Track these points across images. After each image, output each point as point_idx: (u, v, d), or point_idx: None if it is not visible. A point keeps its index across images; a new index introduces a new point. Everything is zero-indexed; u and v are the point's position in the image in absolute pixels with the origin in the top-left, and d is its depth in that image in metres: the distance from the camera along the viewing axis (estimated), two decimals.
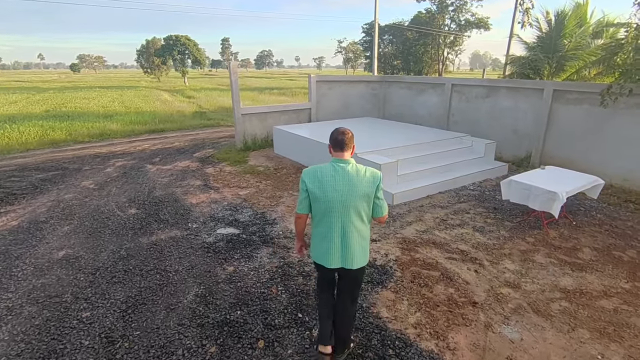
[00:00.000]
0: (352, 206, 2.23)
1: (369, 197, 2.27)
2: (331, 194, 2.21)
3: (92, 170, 7.85)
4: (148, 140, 11.70)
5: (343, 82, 10.84)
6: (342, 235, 2.27)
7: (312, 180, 2.24)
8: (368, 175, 2.26)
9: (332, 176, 2.22)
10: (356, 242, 2.30)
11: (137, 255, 4.05)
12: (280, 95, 28.45)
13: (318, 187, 2.22)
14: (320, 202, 2.23)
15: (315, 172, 2.26)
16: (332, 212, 2.23)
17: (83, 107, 21.05)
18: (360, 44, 49.10)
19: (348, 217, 2.25)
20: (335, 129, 2.34)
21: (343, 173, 2.23)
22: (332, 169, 2.24)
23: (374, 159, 5.81)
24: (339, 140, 2.26)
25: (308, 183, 2.25)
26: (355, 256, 2.32)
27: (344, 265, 2.32)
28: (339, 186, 2.21)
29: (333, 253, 2.29)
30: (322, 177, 2.23)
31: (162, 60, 48.99)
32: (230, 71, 8.82)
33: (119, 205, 5.61)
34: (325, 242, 2.29)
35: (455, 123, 9.10)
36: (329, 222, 2.26)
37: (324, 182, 2.22)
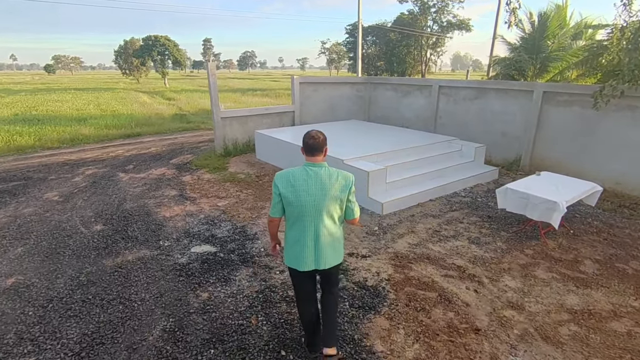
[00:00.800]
0: (325, 209, 2.25)
1: (341, 201, 2.30)
2: (304, 198, 2.22)
3: (58, 180, 7.25)
4: (123, 146, 11.08)
5: (327, 84, 10.50)
6: (315, 238, 2.28)
7: (284, 185, 2.24)
8: (340, 179, 2.28)
9: (304, 180, 2.23)
10: (328, 244, 2.32)
11: (98, 282, 3.58)
12: (264, 96, 27.92)
13: (291, 192, 2.22)
14: (293, 206, 2.23)
15: (287, 176, 2.26)
16: (305, 216, 2.24)
17: (55, 110, 20.05)
18: (344, 44, 48.97)
19: (321, 221, 2.27)
20: (306, 132, 2.33)
21: (316, 177, 2.24)
22: (305, 173, 2.25)
23: (361, 165, 5.48)
24: (310, 145, 2.26)
25: (281, 187, 2.25)
26: (328, 257, 2.34)
27: (317, 267, 2.34)
28: (312, 190, 2.22)
29: (306, 256, 2.30)
30: (295, 181, 2.23)
31: (141, 61, 47.65)
32: (209, 72, 8.35)
33: (83, 221, 5.09)
34: (298, 245, 2.30)
35: (443, 126, 8.87)
36: (302, 225, 2.27)
37: (297, 186, 2.22)
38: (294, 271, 2.41)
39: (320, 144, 2.28)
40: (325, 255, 2.32)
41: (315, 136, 2.27)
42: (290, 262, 2.38)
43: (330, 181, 2.25)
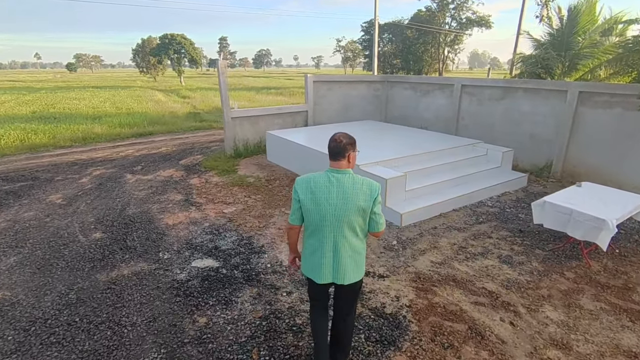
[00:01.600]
0: (346, 221, 2.07)
1: (365, 212, 2.10)
2: (324, 207, 2.05)
3: (64, 181, 7.06)
4: (133, 145, 10.92)
5: (343, 83, 10.06)
6: (334, 250, 2.11)
7: (304, 191, 2.09)
8: (365, 189, 2.08)
9: (326, 187, 2.07)
10: (348, 257, 2.15)
11: (88, 300, 3.26)
12: (278, 95, 27.66)
13: (310, 199, 2.06)
14: (312, 214, 2.08)
15: (308, 182, 2.10)
16: (324, 226, 2.08)
17: (72, 108, 20.22)
18: (359, 42, 48.29)
19: (341, 232, 2.10)
20: (332, 135, 2.14)
21: (338, 185, 2.06)
22: (327, 180, 2.08)
23: (379, 172, 5.04)
24: (331, 149, 2.09)
25: (300, 194, 2.10)
26: (347, 272, 2.16)
27: (335, 280, 2.17)
28: (333, 199, 2.05)
29: (324, 268, 2.14)
30: (316, 188, 2.07)
31: (158, 60, 48.07)
32: (219, 71, 8.04)
33: (83, 227, 4.82)
34: (316, 256, 2.15)
35: (465, 127, 8.33)
36: (321, 235, 2.11)
37: (317, 193, 2.06)
38: (311, 282, 2.26)
39: (342, 148, 2.07)
40: (345, 269, 2.15)
41: (337, 139, 2.08)
42: (308, 272, 2.23)
43: (354, 190, 2.06)
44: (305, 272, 2.26)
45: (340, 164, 2.09)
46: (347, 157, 2.09)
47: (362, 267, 2.24)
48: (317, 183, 2.07)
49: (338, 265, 2.13)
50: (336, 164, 2.09)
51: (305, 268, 2.26)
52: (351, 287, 2.23)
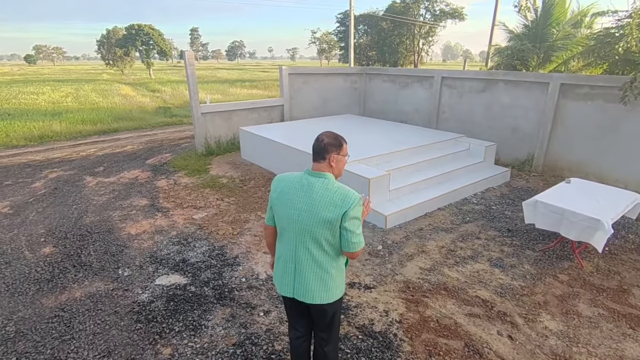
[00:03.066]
0: (308, 231, 1.80)
1: (333, 225, 1.77)
2: (289, 211, 1.82)
3: (14, 186, 6.35)
4: (96, 144, 10.14)
5: (319, 75, 9.67)
6: (294, 260, 1.87)
7: (275, 190, 1.90)
8: (336, 199, 1.76)
9: (295, 190, 1.83)
10: (312, 274, 1.85)
11: (30, 333, 2.78)
12: (252, 88, 26.89)
13: (279, 200, 1.86)
14: (279, 217, 1.88)
15: (281, 182, 1.90)
16: (287, 232, 1.87)
17: (29, 103, 18.80)
18: (335, 34, 47.81)
19: (303, 243, 1.84)
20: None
21: (308, 189, 1.80)
22: (299, 182, 1.84)
23: (362, 171, 4.73)
24: (313, 148, 1.86)
25: (272, 192, 1.91)
26: (310, 290, 1.86)
27: (296, 296, 1.90)
28: (299, 204, 1.80)
29: (286, 278, 1.91)
30: (286, 189, 1.85)
31: (125, 52, 45.78)
32: (186, 62, 7.47)
33: (30, 241, 4.26)
34: (279, 262, 1.95)
35: (446, 121, 8.16)
36: (285, 241, 1.90)
37: (286, 195, 1.84)
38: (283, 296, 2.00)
39: (322, 148, 1.82)
40: (307, 286, 1.86)
41: (320, 138, 1.85)
42: (274, 279, 2.02)
43: (323, 198, 1.77)
44: (275, 280, 2.02)
45: (320, 166, 1.84)
46: (329, 160, 1.82)
47: (331, 289, 1.88)
48: (289, 184, 1.85)
49: (300, 278, 1.87)
50: (315, 165, 1.85)
51: (274, 275, 2.03)
52: (319, 310, 1.93)
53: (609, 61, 8.41)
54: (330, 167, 1.84)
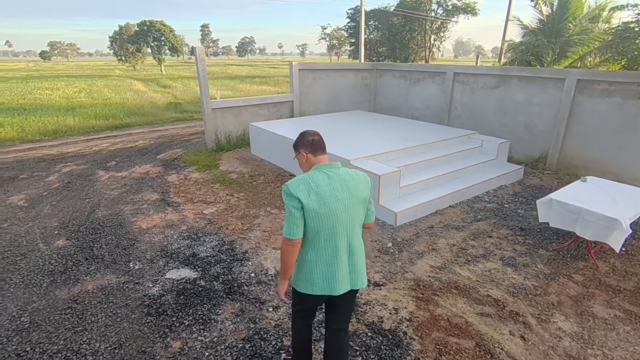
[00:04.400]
0: (355, 217, 1.87)
1: (366, 202, 1.93)
2: (334, 205, 1.79)
3: (29, 180, 6.48)
4: (108, 138, 10.27)
5: (329, 71, 9.61)
6: (349, 252, 1.87)
7: (306, 195, 1.75)
8: (361, 178, 1.91)
9: (329, 185, 1.80)
10: (361, 256, 1.95)
11: (44, 324, 2.83)
12: (262, 84, 26.90)
13: (317, 201, 1.75)
14: (323, 219, 1.77)
15: (308, 184, 1.78)
16: (337, 228, 1.81)
17: (44, 98, 19.10)
18: (345, 30, 47.53)
19: (353, 229, 1.88)
20: (303, 132, 1.96)
21: (338, 179, 1.83)
22: (326, 177, 1.82)
23: (372, 167, 4.69)
24: (316, 142, 1.90)
25: (303, 198, 1.74)
26: (362, 273, 1.95)
27: (353, 286, 1.91)
28: (341, 195, 1.81)
29: (341, 276, 1.85)
30: (319, 188, 1.77)
31: (137, 48, 46.22)
32: (197, 58, 7.48)
33: (44, 234, 4.33)
34: (333, 266, 1.84)
35: (458, 117, 8.04)
36: (334, 240, 1.83)
37: (322, 193, 1.77)
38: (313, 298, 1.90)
39: (322, 141, 1.93)
40: (361, 271, 1.94)
41: (316, 132, 1.94)
42: (318, 288, 1.85)
43: (355, 182, 1.86)
44: (312, 291, 1.86)
45: (326, 158, 1.92)
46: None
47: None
48: (318, 182, 1.78)
49: (355, 267, 1.90)
50: (324, 157, 1.90)
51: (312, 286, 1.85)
52: (355, 294, 2.01)
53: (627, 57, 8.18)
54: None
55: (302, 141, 1.91)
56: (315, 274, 1.84)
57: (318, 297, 1.89)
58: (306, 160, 1.90)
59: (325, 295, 1.87)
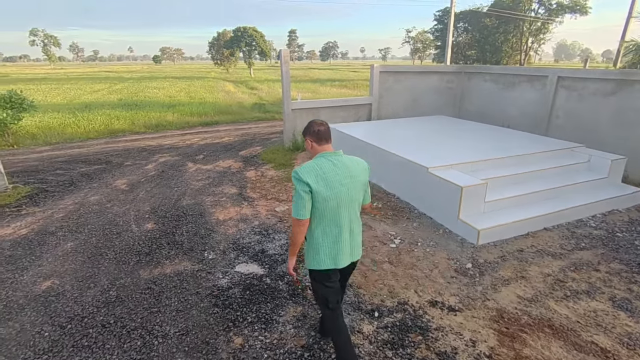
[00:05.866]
0: (355, 198, 2.12)
1: (365, 185, 2.20)
2: (338, 189, 2.02)
3: (132, 167, 7.33)
4: (199, 134, 11.22)
5: (412, 74, 9.20)
6: (350, 231, 2.13)
7: (315, 180, 1.97)
8: (361, 164, 2.16)
9: (333, 171, 2.02)
10: (359, 232, 2.23)
11: (127, 300, 3.09)
12: (342, 87, 27.14)
13: (324, 186, 1.98)
14: (329, 201, 2.00)
15: (315, 170, 2.00)
16: (341, 209, 2.05)
17: (152, 96, 21.70)
18: (431, 32, 45.68)
19: (354, 211, 2.14)
20: (310, 121, 2.16)
21: (342, 166, 2.06)
22: (331, 164, 2.04)
23: (453, 177, 4.29)
24: (321, 132, 2.10)
25: (312, 183, 1.96)
26: (359, 246, 2.25)
27: (353, 258, 2.21)
28: (344, 180, 2.04)
29: (344, 251, 2.13)
30: (325, 174, 2.00)
31: (231, 52, 50.23)
32: (282, 60, 7.73)
33: (137, 217, 4.81)
34: (337, 243, 2.09)
35: (559, 127, 7.04)
36: (338, 220, 2.07)
37: (329, 178, 2.00)
38: (326, 274, 2.14)
39: (329, 131, 2.13)
40: (359, 245, 2.24)
41: (323, 123, 2.12)
42: (327, 264, 2.10)
43: (356, 168, 2.10)
44: (324, 266, 2.10)
45: (330, 147, 2.12)
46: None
47: None
48: (324, 169, 2.00)
49: (354, 242, 2.18)
50: (328, 146, 2.11)
51: (323, 262, 2.10)
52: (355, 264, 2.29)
53: None
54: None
55: (309, 130, 2.11)
56: (321, 251, 2.08)
57: (327, 272, 2.12)
58: (311, 147, 2.13)
59: (332, 269, 2.12)
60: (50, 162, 7.91)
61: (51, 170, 7.20)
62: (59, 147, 9.65)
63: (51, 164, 7.73)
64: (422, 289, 3.20)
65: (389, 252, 3.79)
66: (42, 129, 11.33)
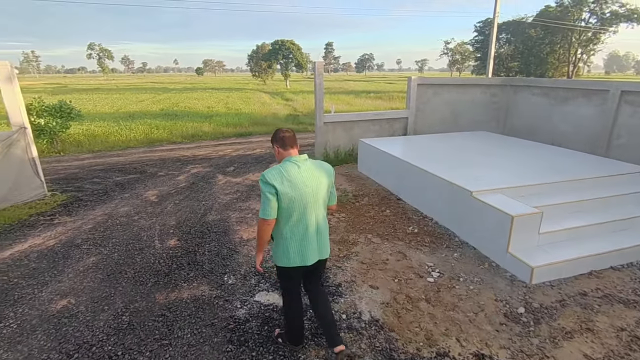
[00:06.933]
0: (321, 198, 2.26)
1: (329, 186, 2.32)
2: (303, 190, 2.17)
3: (165, 177, 7.37)
4: (232, 145, 11.26)
5: (452, 86, 8.71)
6: (316, 229, 2.27)
7: (281, 182, 2.12)
8: (325, 167, 2.32)
9: (299, 173, 2.18)
10: (325, 231, 2.36)
11: (139, 328, 2.89)
12: (377, 99, 26.74)
13: (289, 187, 2.13)
14: (295, 201, 2.15)
15: (280, 173, 2.15)
16: (307, 209, 2.20)
17: (191, 106, 22.42)
18: (471, 44, 44.39)
19: (319, 210, 2.27)
20: (277, 130, 2.33)
21: (306, 168, 2.21)
22: (296, 167, 2.19)
23: (501, 203, 3.80)
24: (287, 138, 2.26)
25: (278, 185, 2.11)
26: (327, 245, 2.38)
27: (320, 256, 2.34)
28: (309, 181, 2.19)
29: (311, 249, 2.26)
30: (290, 176, 2.15)
31: (268, 64, 51.47)
32: (316, 72, 7.54)
33: (162, 232, 4.69)
34: (304, 241, 2.24)
35: (622, 147, 6.27)
36: (305, 219, 2.22)
37: (293, 180, 2.15)
38: (292, 270, 2.32)
39: (294, 136, 2.29)
40: (326, 243, 2.37)
41: (288, 130, 2.30)
42: (294, 261, 2.26)
43: (319, 171, 2.26)
44: (291, 264, 2.25)
45: (296, 151, 2.26)
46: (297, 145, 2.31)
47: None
48: (289, 172, 2.15)
49: (322, 240, 2.32)
50: (294, 151, 2.26)
51: (287, 258, 2.25)
52: (324, 263, 2.46)
53: None
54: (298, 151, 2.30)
55: (275, 137, 2.30)
56: (290, 249, 2.23)
57: (295, 268, 2.28)
58: (278, 153, 2.30)
59: (300, 266, 2.26)
60: (89, 170, 8.15)
61: (89, 179, 7.39)
62: (100, 155, 10.00)
63: (90, 172, 7.96)
64: (465, 337, 2.76)
65: (425, 288, 3.36)
66: (88, 136, 11.87)
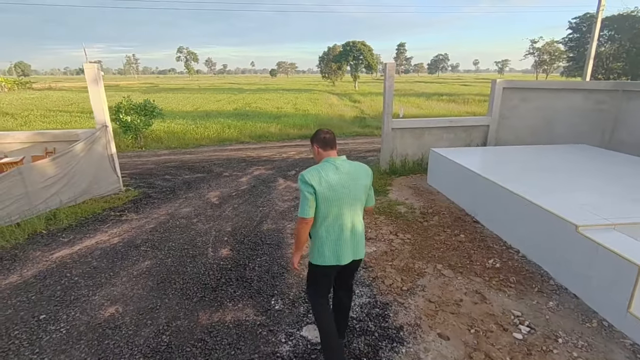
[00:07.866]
0: (359, 199, 2.25)
1: (367, 188, 2.30)
2: (341, 191, 2.16)
3: (229, 178, 7.43)
4: (297, 147, 11.16)
5: (546, 91, 7.52)
6: (352, 229, 2.26)
7: (319, 182, 2.12)
8: (363, 168, 2.30)
9: (336, 174, 2.17)
10: (361, 231, 2.34)
11: (176, 352, 2.68)
12: (449, 102, 25.01)
13: (327, 188, 2.13)
14: (332, 202, 2.15)
15: (319, 174, 2.14)
16: (343, 210, 2.20)
17: (262, 107, 23.11)
18: (563, 42, 39.52)
19: (355, 211, 2.27)
20: (318, 130, 2.31)
21: (345, 170, 2.20)
22: (334, 168, 2.18)
23: (621, 246, 2.93)
24: (327, 139, 2.26)
25: (316, 185, 2.11)
26: (362, 245, 2.35)
27: (355, 257, 2.32)
28: (347, 183, 2.18)
29: (346, 249, 2.26)
30: (328, 177, 2.14)
31: (338, 66, 51.51)
32: (386, 74, 6.99)
33: (216, 238, 4.57)
34: (339, 241, 2.23)
35: None
36: (341, 220, 2.21)
37: (331, 181, 2.14)
38: (326, 269, 2.27)
39: (334, 139, 2.27)
40: (361, 244, 2.34)
41: (328, 131, 2.29)
42: (330, 260, 2.23)
43: (358, 172, 2.24)
44: (323, 262, 2.24)
45: (335, 153, 2.25)
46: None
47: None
48: (328, 172, 2.14)
49: (356, 240, 2.29)
50: (333, 152, 2.25)
51: (326, 259, 2.23)
52: (359, 263, 2.40)
53: None
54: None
55: (316, 137, 2.26)
56: (326, 248, 2.21)
57: (328, 267, 2.25)
58: (317, 153, 2.26)
59: (334, 265, 2.24)
60: (163, 166, 8.58)
61: (161, 175, 7.74)
62: (175, 151, 10.57)
63: (164, 168, 8.36)
64: None
65: (511, 347, 2.67)
66: (167, 133, 12.71)
